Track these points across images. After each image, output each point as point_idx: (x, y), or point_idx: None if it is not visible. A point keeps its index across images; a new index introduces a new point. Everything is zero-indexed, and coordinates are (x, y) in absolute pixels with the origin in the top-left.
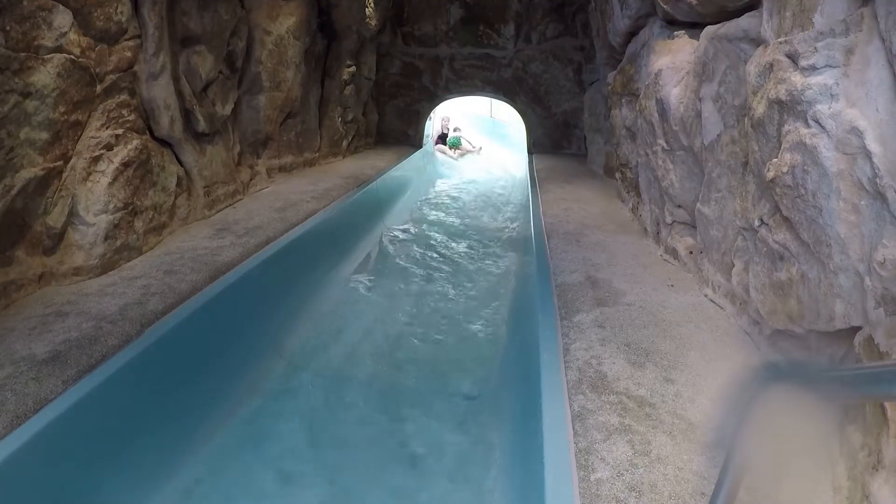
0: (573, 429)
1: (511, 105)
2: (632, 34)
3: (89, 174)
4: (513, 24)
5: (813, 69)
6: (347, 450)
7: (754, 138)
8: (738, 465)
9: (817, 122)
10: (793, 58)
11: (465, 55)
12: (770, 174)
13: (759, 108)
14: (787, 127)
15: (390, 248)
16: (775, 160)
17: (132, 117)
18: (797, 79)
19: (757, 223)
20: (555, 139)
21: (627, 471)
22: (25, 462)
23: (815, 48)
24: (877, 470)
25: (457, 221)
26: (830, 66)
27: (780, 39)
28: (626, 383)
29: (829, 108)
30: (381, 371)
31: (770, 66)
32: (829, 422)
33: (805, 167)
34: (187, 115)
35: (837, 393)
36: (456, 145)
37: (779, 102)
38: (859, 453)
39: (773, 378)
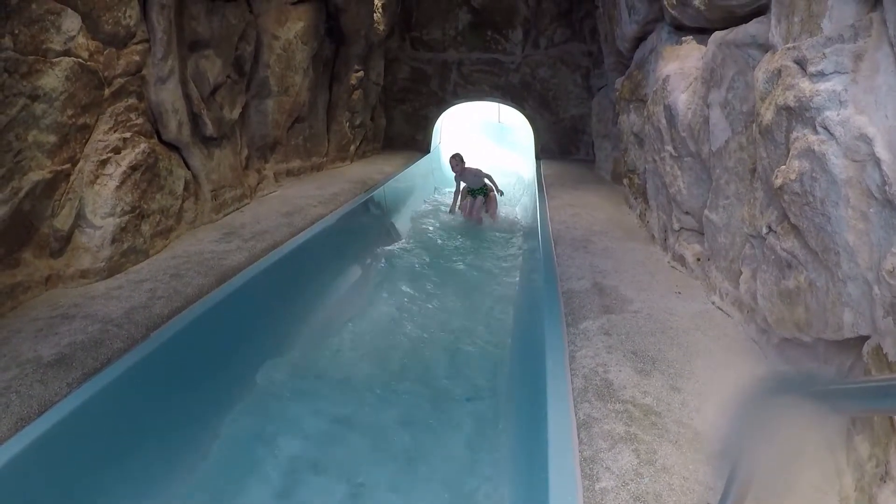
0: (578, 437)
1: (519, 110)
2: (640, 39)
3: (97, 177)
4: (521, 30)
5: (821, 75)
6: (351, 454)
7: (762, 145)
8: (743, 476)
9: (826, 128)
10: (801, 64)
11: (474, 60)
12: (778, 181)
13: (768, 115)
14: (795, 133)
15: (399, 251)
16: (783, 167)
17: (140, 121)
18: (805, 85)
19: (765, 230)
20: (562, 145)
21: (633, 480)
22: (29, 465)
23: (824, 54)
24: (885, 481)
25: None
26: (839, 73)
27: (788, 45)
28: (632, 391)
29: (838, 115)
30: (386, 376)
31: (778, 72)
32: (836, 432)
33: (813, 174)
34: (195, 119)
35: (845, 406)
36: (480, 192)
37: (787, 109)
38: (867, 464)
39: (780, 389)
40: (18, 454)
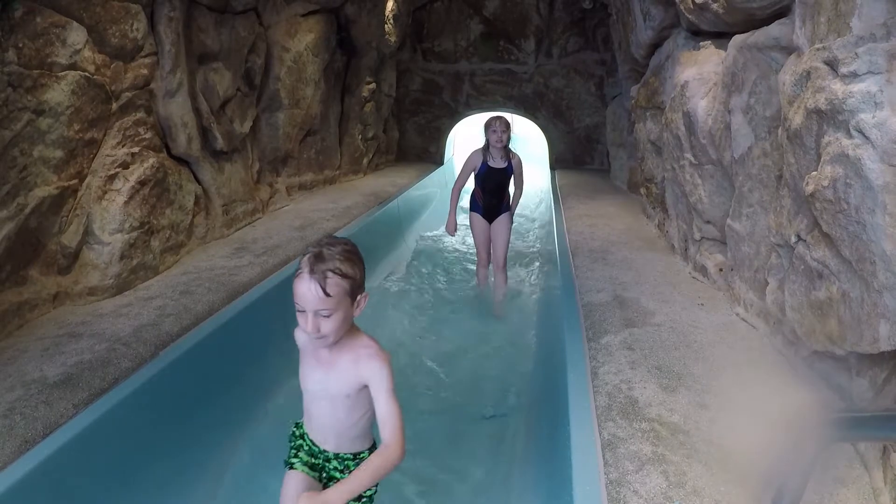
0: (603, 458)
1: (532, 121)
2: (655, 46)
3: (105, 193)
4: (533, 39)
5: (854, 76)
6: None
7: (790, 150)
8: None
9: (861, 132)
10: (832, 65)
11: (486, 71)
12: (809, 188)
13: (796, 119)
14: (827, 138)
15: (414, 264)
16: (815, 173)
17: (148, 135)
18: (837, 87)
19: (793, 239)
20: (577, 154)
21: None
22: (33, 489)
23: (856, 54)
24: None
25: None
26: (873, 73)
27: (817, 46)
28: (658, 409)
29: (874, 117)
30: (399, 392)
31: (807, 74)
32: (871, 449)
33: (847, 180)
34: (205, 133)
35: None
36: None
37: (818, 112)
38: None
39: (838, 434)
40: (22, 478)
